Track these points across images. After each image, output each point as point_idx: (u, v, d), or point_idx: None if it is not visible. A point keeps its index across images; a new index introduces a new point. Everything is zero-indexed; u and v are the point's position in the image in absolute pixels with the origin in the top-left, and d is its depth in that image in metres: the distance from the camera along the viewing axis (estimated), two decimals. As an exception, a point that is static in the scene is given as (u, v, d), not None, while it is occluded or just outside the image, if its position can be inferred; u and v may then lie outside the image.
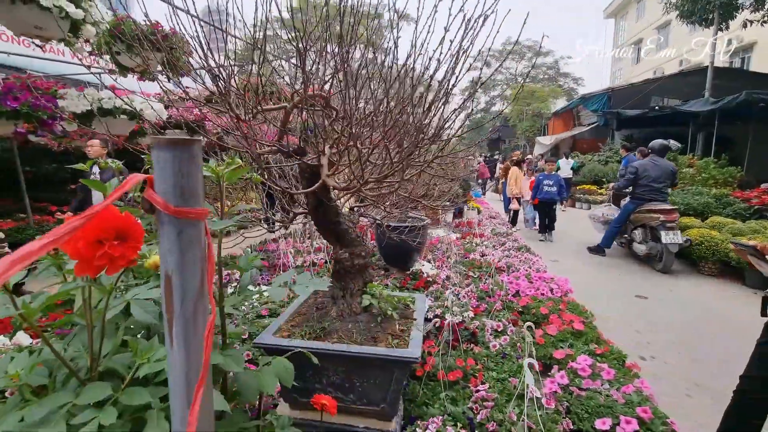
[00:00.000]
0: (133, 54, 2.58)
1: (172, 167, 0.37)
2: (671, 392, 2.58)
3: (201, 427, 0.46)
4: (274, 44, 2.63)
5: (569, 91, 29.81)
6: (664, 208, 5.42)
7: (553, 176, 7.55)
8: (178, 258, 0.42)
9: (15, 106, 2.48)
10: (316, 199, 1.80)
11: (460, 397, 2.15)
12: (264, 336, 1.79)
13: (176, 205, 0.38)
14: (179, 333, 0.42)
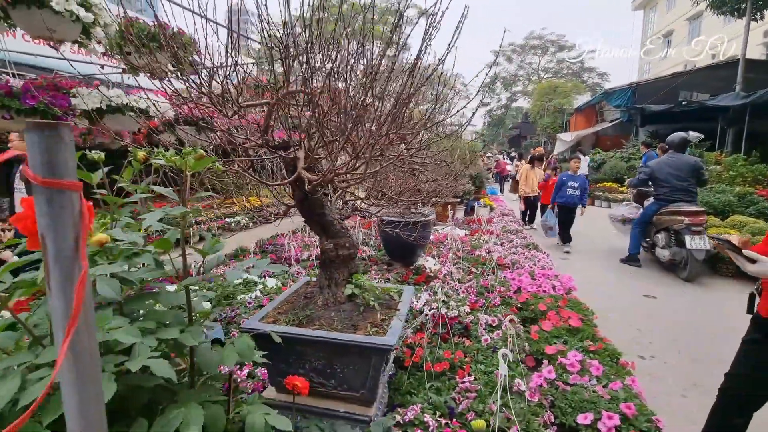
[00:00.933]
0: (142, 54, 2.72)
1: (40, 146, 0.45)
2: (666, 392, 2.54)
3: (86, 369, 0.53)
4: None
5: (594, 86, 28.93)
6: (690, 209, 4.82)
7: (578, 177, 6.53)
8: (48, 221, 0.49)
9: (33, 104, 2.67)
10: (301, 192, 1.87)
11: (445, 388, 2.19)
12: (250, 321, 1.88)
13: (44, 177, 0.45)
14: (56, 285, 0.50)
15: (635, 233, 5.60)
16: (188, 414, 0.96)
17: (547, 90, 21.81)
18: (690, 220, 4.71)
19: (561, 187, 6.49)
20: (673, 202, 5.05)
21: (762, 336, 1.59)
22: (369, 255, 4.79)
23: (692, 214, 4.77)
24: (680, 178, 5.06)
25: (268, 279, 3.83)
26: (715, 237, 1.63)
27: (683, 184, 5.05)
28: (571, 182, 6.41)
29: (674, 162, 5.15)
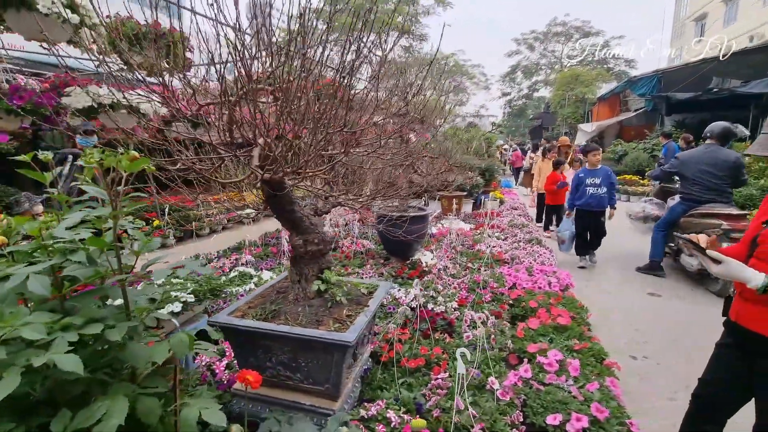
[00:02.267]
0: (135, 53, 2.80)
1: None
2: (654, 393, 2.46)
3: None
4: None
5: (620, 74, 27.73)
6: (729, 212, 4.07)
7: (600, 171, 5.09)
8: None
9: (21, 104, 2.80)
10: (272, 188, 1.89)
11: (417, 384, 2.19)
12: (219, 315, 1.93)
13: None
14: None
15: (658, 237, 4.80)
16: (112, 406, 1.00)
17: (569, 79, 21.05)
18: (730, 224, 3.91)
19: (578, 186, 5.13)
20: (705, 202, 4.29)
21: (733, 340, 1.51)
22: (368, 249, 4.81)
23: (732, 217, 4.00)
24: (715, 176, 4.23)
25: (264, 272, 3.91)
26: (681, 236, 1.56)
27: (717, 183, 4.25)
28: (591, 178, 5.03)
29: (711, 156, 4.27)
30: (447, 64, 25.64)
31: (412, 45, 21.94)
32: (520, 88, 34.21)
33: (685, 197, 4.54)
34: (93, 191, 1.09)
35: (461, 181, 6.76)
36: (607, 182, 5.05)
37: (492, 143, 12.87)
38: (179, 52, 2.98)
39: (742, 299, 1.45)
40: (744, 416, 1.56)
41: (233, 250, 4.93)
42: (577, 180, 5.24)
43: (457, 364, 1.69)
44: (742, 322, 1.44)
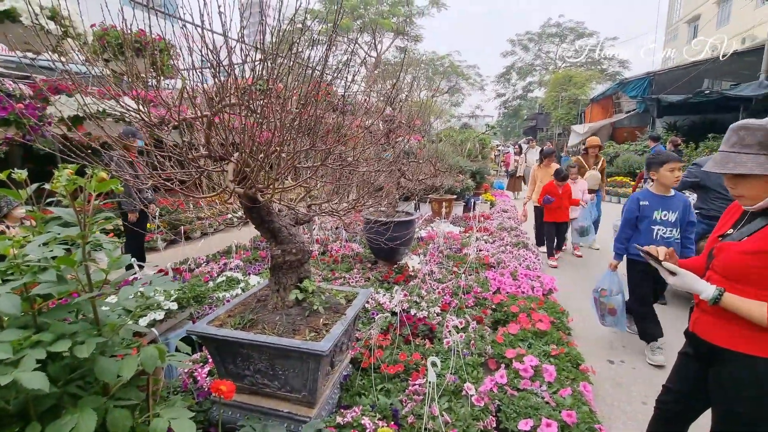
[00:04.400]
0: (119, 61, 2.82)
1: None
2: (625, 399, 2.52)
3: None
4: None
5: (613, 75, 27.91)
6: None
7: (675, 199, 2.99)
8: None
9: (4, 116, 2.83)
10: (248, 201, 1.93)
11: (395, 390, 2.24)
12: (198, 324, 1.97)
13: None
14: None
15: None
16: (81, 419, 1.04)
17: (562, 80, 21.19)
18: None
19: (638, 221, 3.08)
20: None
21: (692, 349, 1.57)
22: (356, 253, 4.85)
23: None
24: None
25: (252, 277, 3.94)
26: (640, 248, 1.61)
27: None
28: (662, 211, 2.97)
29: None
30: (442, 65, 25.71)
31: (408, 45, 21.99)
32: (515, 89, 34.38)
33: (704, 215, 3.66)
34: (60, 212, 1.12)
35: (451, 184, 6.80)
36: (684, 219, 2.98)
37: (486, 144, 12.94)
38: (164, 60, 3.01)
39: (699, 310, 1.50)
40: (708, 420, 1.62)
41: (222, 254, 4.96)
42: (635, 209, 3.07)
43: (428, 372, 1.74)
44: (698, 332, 1.49)
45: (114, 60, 2.92)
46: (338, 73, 1.92)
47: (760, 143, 1.26)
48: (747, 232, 1.36)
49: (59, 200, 1.36)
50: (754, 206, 1.34)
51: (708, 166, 1.39)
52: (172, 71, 3.07)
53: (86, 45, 2.83)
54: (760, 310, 1.25)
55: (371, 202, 2.71)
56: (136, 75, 1.82)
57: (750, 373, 1.32)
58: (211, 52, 1.52)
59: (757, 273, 1.29)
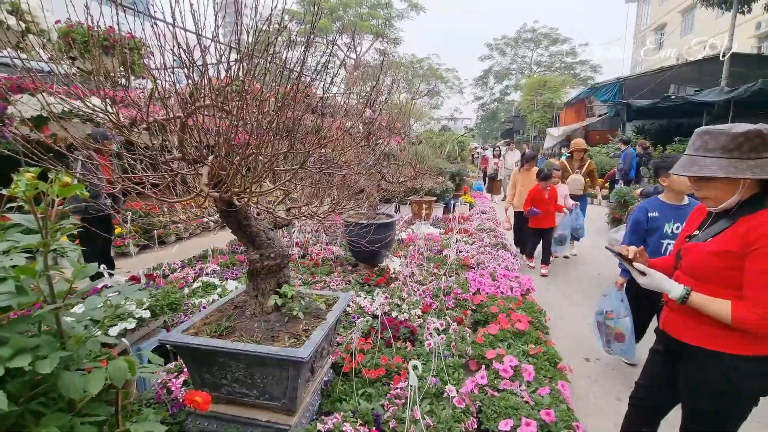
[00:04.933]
0: (86, 59, 2.71)
1: None
2: (601, 395, 2.59)
3: None
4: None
5: (586, 79, 28.86)
6: None
7: (688, 209, 2.36)
8: None
9: None
10: (224, 205, 1.88)
11: (377, 394, 2.22)
12: (172, 333, 1.90)
13: None
14: None
15: None
16: (43, 438, 0.98)
17: (536, 85, 21.75)
18: None
19: (647, 233, 2.73)
20: None
21: (662, 347, 1.62)
22: (337, 255, 4.81)
23: None
24: None
25: (230, 281, 3.85)
26: (610, 248, 1.66)
27: None
28: (673, 223, 2.65)
29: None
30: (421, 68, 25.94)
31: (387, 48, 22.08)
32: (493, 92, 35.05)
33: None
34: (20, 219, 1.06)
35: (431, 186, 6.85)
36: None
37: (465, 146, 13.10)
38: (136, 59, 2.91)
39: (668, 308, 1.56)
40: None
41: (198, 259, 4.83)
42: (643, 220, 2.72)
43: (410, 376, 1.73)
44: (667, 330, 1.55)
45: (81, 58, 2.80)
46: (317, 74, 1.90)
47: (722, 147, 1.31)
48: (712, 233, 1.42)
49: (21, 206, 1.28)
50: (717, 208, 1.40)
51: (675, 170, 1.44)
52: (143, 71, 2.96)
53: (50, 42, 2.70)
54: (725, 308, 1.30)
55: (352, 205, 2.69)
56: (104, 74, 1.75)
57: (716, 369, 1.37)
58: (184, 51, 1.47)
59: (722, 272, 1.35)
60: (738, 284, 1.31)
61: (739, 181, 1.31)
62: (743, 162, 1.28)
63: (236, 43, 1.65)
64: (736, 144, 1.28)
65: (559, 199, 5.31)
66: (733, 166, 1.28)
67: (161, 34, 1.53)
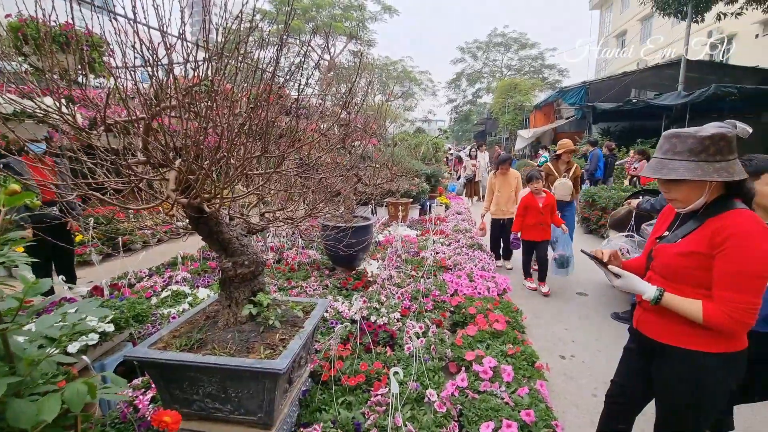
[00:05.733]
0: (40, 57, 2.52)
1: None
2: (577, 392, 2.64)
3: None
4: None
5: (554, 83, 29.84)
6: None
7: None
8: None
9: None
10: (194, 211, 1.79)
11: (357, 402, 2.18)
12: (138, 348, 1.79)
13: None
14: None
15: None
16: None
17: (507, 87, 22.30)
18: None
19: None
20: None
21: (636, 345, 1.66)
22: (313, 260, 4.72)
23: None
24: None
25: (201, 289, 3.70)
26: (585, 251, 1.69)
27: None
28: None
29: None
30: (395, 70, 26.05)
31: (361, 50, 22.04)
32: (465, 95, 35.65)
33: None
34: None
35: (407, 188, 6.85)
36: None
37: (440, 148, 13.23)
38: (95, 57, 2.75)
39: (641, 308, 1.60)
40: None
41: (167, 266, 4.62)
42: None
43: (391, 383, 1.70)
44: (641, 329, 1.58)
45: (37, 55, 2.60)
46: (291, 75, 1.84)
47: (690, 150, 1.35)
48: (681, 234, 1.46)
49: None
50: (686, 209, 1.44)
51: (645, 173, 1.48)
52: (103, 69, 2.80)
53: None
54: (695, 308, 1.34)
55: (328, 208, 2.64)
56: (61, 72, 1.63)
57: (689, 367, 1.41)
58: (147, 48, 1.38)
59: (691, 273, 1.39)
60: (707, 284, 1.35)
61: (706, 184, 1.35)
62: (710, 165, 1.32)
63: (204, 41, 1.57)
64: (702, 147, 1.32)
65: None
66: (700, 168, 1.32)
67: (122, 30, 1.44)
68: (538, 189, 4.48)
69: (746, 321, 1.25)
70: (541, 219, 4.46)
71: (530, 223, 4.52)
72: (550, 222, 4.53)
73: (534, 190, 4.48)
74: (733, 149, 1.33)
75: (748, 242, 1.24)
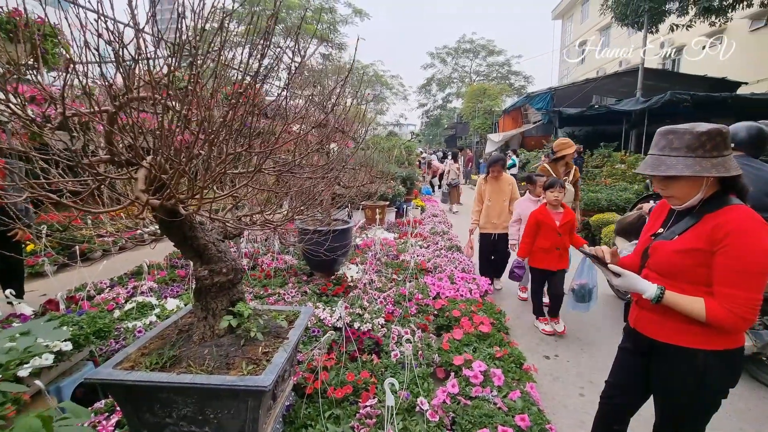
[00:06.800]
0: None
1: None
2: (564, 393, 2.64)
3: None
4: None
5: (520, 89, 30.82)
6: None
7: None
8: None
9: None
10: (166, 214, 1.62)
11: (345, 415, 2.06)
12: (101, 369, 1.60)
13: None
14: None
15: None
16: None
17: (477, 92, 22.78)
18: None
19: None
20: None
21: (632, 345, 1.65)
22: (290, 265, 4.54)
23: None
24: (764, 204, 2.32)
25: (170, 300, 3.45)
26: (583, 250, 1.66)
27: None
28: None
29: (751, 174, 2.47)
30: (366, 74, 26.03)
31: (332, 53, 21.88)
32: (436, 99, 36.17)
33: None
34: None
35: (384, 191, 6.78)
36: None
37: (412, 151, 13.27)
38: (49, 48, 2.51)
39: (638, 307, 1.58)
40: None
41: (131, 276, 4.31)
42: None
43: (386, 396, 1.60)
44: (639, 328, 1.57)
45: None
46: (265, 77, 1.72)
47: (687, 146, 1.34)
48: (677, 231, 1.45)
49: None
50: (683, 206, 1.43)
51: (640, 170, 1.46)
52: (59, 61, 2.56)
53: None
54: (698, 305, 1.32)
55: (309, 212, 2.51)
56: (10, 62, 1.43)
57: (689, 366, 1.40)
58: (111, 33, 1.23)
59: (690, 270, 1.38)
60: (706, 281, 1.34)
61: (703, 180, 1.35)
62: (707, 161, 1.31)
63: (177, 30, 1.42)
64: (699, 143, 1.32)
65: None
66: (698, 164, 1.31)
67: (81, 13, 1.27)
68: (558, 200, 3.37)
69: (749, 317, 1.25)
70: (558, 241, 3.37)
71: (544, 246, 3.41)
72: (569, 245, 3.43)
73: (552, 201, 3.39)
74: (728, 145, 1.33)
75: (748, 239, 1.24)
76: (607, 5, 14.41)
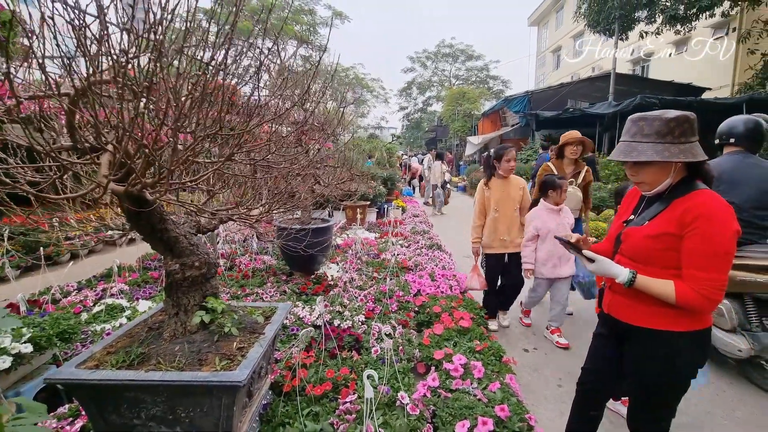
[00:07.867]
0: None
1: None
2: (543, 384, 2.66)
3: None
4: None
5: (498, 92, 31.43)
6: None
7: None
8: None
9: None
10: (132, 203, 1.55)
11: (324, 412, 2.01)
12: (62, 369, 1.51)
13: None
14: None
15: None
16: None
17: (456, 96, 23.10)
18: None
19: None
20: (746, 244, 2.56)
21: (606, 330, 1.67)
22: (269, 265, 4.46)
23: None
24: (762, 203, 2.48)
25: (141, 302, 3.32)
26: (558, 238, 1.69)
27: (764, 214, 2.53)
28: None
29: (751, 171, 2.52)
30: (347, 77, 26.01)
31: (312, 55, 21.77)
32: (416, 103, 36.48)
33: None
34: None
35: (365, 191, 6.76)
36: None
37: (393, 153, 13.30)
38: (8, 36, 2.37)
39: (611, 292, 1.61)
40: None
41: (101, 278, 4.13)
42: None
43: (365, 388, 1.57)
44: (612, 313, 1.60)
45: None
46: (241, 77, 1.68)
47: (657, 132, 1.38)
48: (648, 217, 1.48)
49: None
50: (652, 191, 1.47)
51: (613, 156, 1.49)
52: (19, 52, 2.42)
53: None
54: (669, 288, 1.35)
55: (286, 207, 2.46)
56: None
57: (661, 347, 1.43)
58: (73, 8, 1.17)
59: (661, 254, 1.41)
60: (676, 264, 1.38)
61: (672, 165, 1.39)
62: (675, 146, 1.35)
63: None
64: (668, 129, 1.35)
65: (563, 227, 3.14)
66: (667, 150, 1.35)
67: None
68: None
69: (716, 298, 1.28)
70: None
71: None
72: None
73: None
74: (695, 131, 1.37)
75: (714, 222, 1.28)
76: (580, 12, 14.92)
